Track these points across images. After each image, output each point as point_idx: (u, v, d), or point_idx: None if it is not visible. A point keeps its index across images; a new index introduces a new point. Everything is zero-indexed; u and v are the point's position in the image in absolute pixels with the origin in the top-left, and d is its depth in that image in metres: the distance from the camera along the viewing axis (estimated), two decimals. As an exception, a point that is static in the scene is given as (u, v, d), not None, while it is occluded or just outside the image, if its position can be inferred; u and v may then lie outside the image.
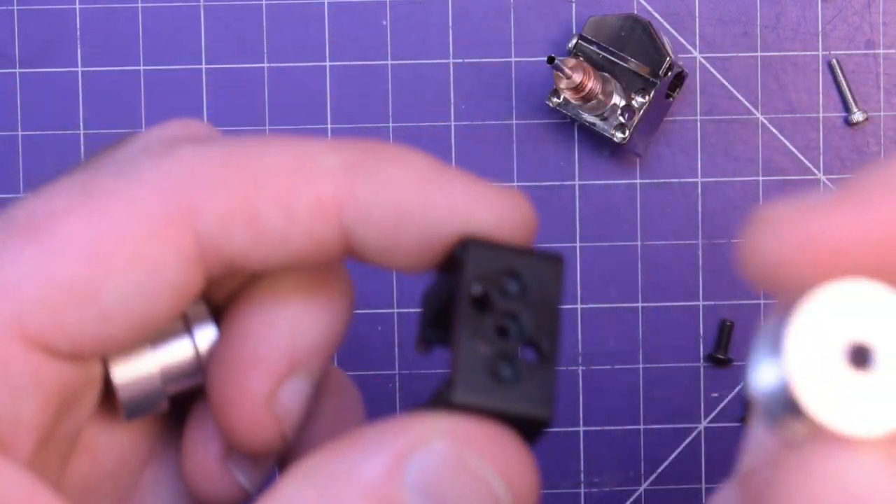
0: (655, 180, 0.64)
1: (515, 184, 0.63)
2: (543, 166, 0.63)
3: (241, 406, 0.27)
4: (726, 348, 0.63)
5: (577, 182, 0.64)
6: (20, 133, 0.63)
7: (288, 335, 0.27)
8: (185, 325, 0.28)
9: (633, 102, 0.61)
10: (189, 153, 0.26)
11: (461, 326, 0.25)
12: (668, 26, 0.63)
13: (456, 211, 0.25)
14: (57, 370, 0.25)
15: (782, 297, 0.20)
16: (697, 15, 0.63)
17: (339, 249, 0.26)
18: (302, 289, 0.28)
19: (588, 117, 0.61)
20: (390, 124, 0.63)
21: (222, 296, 0.29)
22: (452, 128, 0.63)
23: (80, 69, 0.63)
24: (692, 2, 0.63)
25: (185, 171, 0.26)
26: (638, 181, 0.64)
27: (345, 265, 0.28)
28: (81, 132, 0.63)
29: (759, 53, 0.63)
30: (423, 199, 0.25)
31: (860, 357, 0.20)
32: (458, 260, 0.26)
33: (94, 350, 0.26)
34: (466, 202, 0.26)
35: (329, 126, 0.63)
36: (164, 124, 0.29)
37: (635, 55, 0.60)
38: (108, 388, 0.28)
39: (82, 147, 0.63)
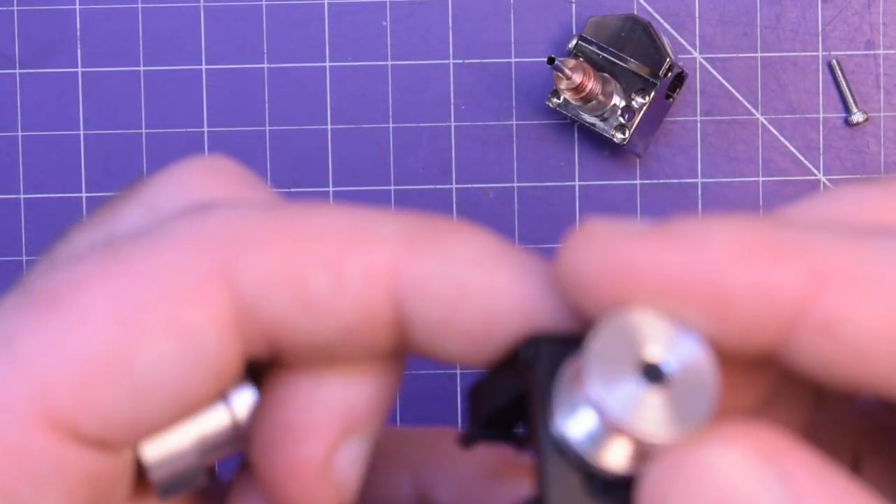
0: (655, 180, 0.64)
1: (515, 185, 0.63)
2: (543, 166, 0.63)
3: (295, 476, 0.24)
4: None
5: (577, 182, 0.64)
6: (20, 133, 0.63)
7: (342, 393, 0.25)
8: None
9: (633, 103, 0.61)
10: (227, 210, 0.24)
11: (544, 442, 0.23)
12: (668, 27, 0.63)
13: (522, 298, 0.23)
14: (86, 459, 0.23)
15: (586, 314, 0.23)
16: (697, 15, 0.63)
17: (390, 329, 0.24)
18: None
19: (588, 118, 0.61)
20: (390, 124, 0.63)
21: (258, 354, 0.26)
22: (452, 128, 0.63)
23: (80, 69, 0.63)
24: (692, 2, 0.63)
25: (223, 228, 0.23)
26: (638, 181, 0.64)
27: None
28: (81, 132, 0.63)
29: (759, 54, 0.63)
30: (487, 280, 0.23)
31: (653, 374, 0.22)
32: (525, 360, 0.23)
33: (126, 434, 0.23)
34: (533, 289, 0.23)
35: (329, 126, 0.63)
36: (189, 165, 0.26)
37: (635, 56, 0.60)
38: (138, 465, 0.25)
39: (82, 147, 0.63)
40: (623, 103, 0.61)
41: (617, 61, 0.60)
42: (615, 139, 0.61)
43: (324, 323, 0.23)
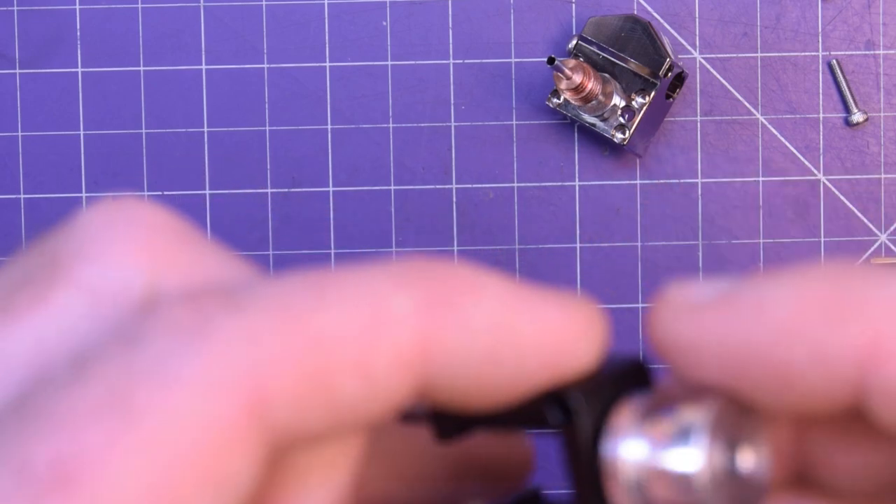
0: (655, 180, 0.64)
1: (515, 185, 0.63)
2: (543, 166, 0.63)
3: None
4: None
5: (577, 182, 0.64)
6: (20, 133, 0.63)
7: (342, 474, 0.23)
8: None
9: (633, 103, 0.61)
10: (235, 327, 0.21)
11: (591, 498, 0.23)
12: (668, 27, 0.63)
13: (549, 345, 0.22)
14: None
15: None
16: (697, 15, 0.63)
17: (414, 399, 0.22)
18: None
19: (588, 118, 0.61)
20: (390, 124, 0.63)
21: None
22: (452, 128, 0.63)
23: (80, 69, 0.63)
24: (692, 2, 0.63)
25: (241, 355, 0.20)
26: (638, 181, 0.64)
27: None
28: (81, 132, 0.63)
29: (759, 54, 0.63)
30: (512, 337, 0.22)
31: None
32: (560, 417, 0.23)
33: None
34: (558, 333, 0.23)
35: (329, 126, 0.63)
36: (116, 223, 0.22)
37: (635, 56, 0.60)
38: None
39: (82, 147, 0.63)
40: (623, 103, 0.61)
41: (617, 61, 0.60)
42: (615, 139, 0.61)
43: (353, 419, 0.22)
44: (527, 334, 0.22)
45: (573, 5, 0.63)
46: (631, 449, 0.23)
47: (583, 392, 0.23)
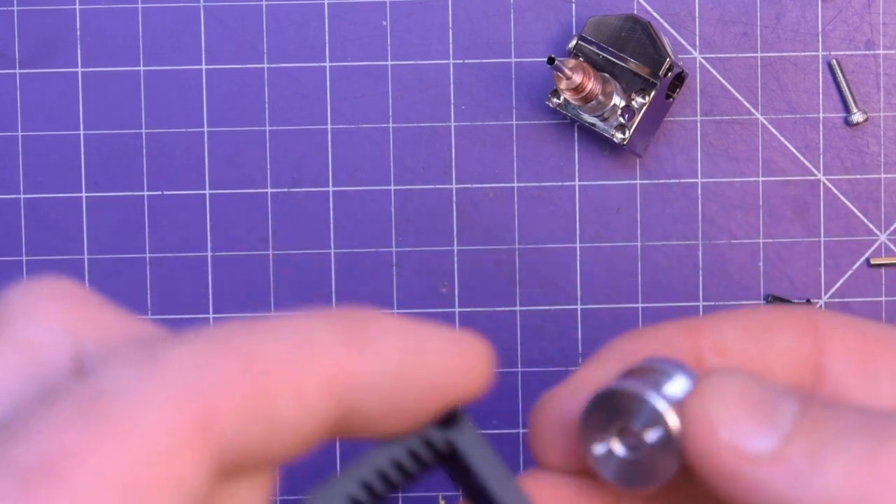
0: (655, 180, 0.64)
1: (515, 185, 0.63)
2: (543, 166, 0.63)
3: None
4: None
5: (577, 182, 0.64)
6: (20, 133, 0.63)
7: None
8: None
9: (633, 103, 0.61)
10: (181, 355, 0.24)
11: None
12: (668, 26, 0.63)
13: (446, 370, 0.26)
14: None
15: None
16: (697, 15, 0.63)
17: (334, 427, 0.26)
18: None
19: (588, 118, 0.61)
20: (390, 124, 0.63)
21: None
22: (452, 128, 0.63)
23: (80, 69, 0.63)
24: (692, 2, 0.63)
25: (188, 376, 0.24)
26: (638, 181, 0.64)
27: None
28: (81, 132, 0.63)
29: (759, 53, 0.63)
30: (415, 363, 0.26)
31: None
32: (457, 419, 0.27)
33: None
34: (453, 361, 0.27)
35: (329, 126, 0.63)
36: (36, 292, 0.26)
37: (635, 55, 0.60)
38: None
39: (82, 147, 0.63)
40: (623, 103, 0.61)
41: (617, 61, 0.60)
42: (615, 139, 0.61)
43: (287, 441, 0.25)
44: (427, 361, 0.26)
45: (573, 5, 0.63)
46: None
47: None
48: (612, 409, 0.28)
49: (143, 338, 0.25)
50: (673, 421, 0.27)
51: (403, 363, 0.26)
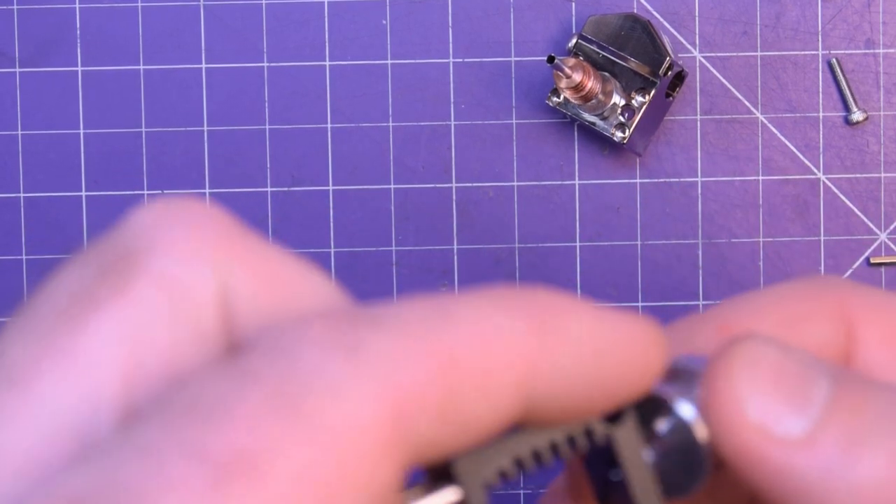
0: (655, 180, 0.64)
1: (515, 184, 0.63)
2: (543, 166, 0.63)
3: None
4: None
5: (576, 182, 0.64)
6: (20, 133, 0.63)
7: None
8: None
9: (633, 102, 0.61)
10: (381, 348, 0.22)
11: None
12: (668, 26, 0.63)
13: (633, 363, 0.25)
14: None
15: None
16: (697, 14, 0.63)
17: (513, 420, 0.24)
18: None
19: (588, 117, 0.61)
20: (390, 124, 0.63)
21: None
22: (452, 128, 0.63)
23: (80, 69, 0.63)
24: (692, 1, 0.63)
25: (388, 372, 0.22)
26: (638, 181, 0.64)
27: None
28: (81, 132, 0.63)
29: (759, 53, 0.63)
30: (604, 350, 0.24)
31: None
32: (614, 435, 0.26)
33: None
34: (640, 355, 0.25)
35: (329, 125, 0.63)
36: (178, 219, 0.23)
37: (635, 54, 0.60)
38: None
39: (82, 146, 0.63)
40: (623, 102, 0.61)
41: (617, 60, 0.60)
42: (615, 138, 0.61)
43: (471, 433, 0.23)
44: (616, 354, 0.24)
45: (573, 4, 0.63)
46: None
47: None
48: (639, 416, 0.26)
49: (333, 312, 0.23)
50: (701, 430, 0.25)
51: (593, 357, 0.24)
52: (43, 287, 0.23)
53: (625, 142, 0.61)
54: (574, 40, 0.61)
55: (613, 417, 0.26)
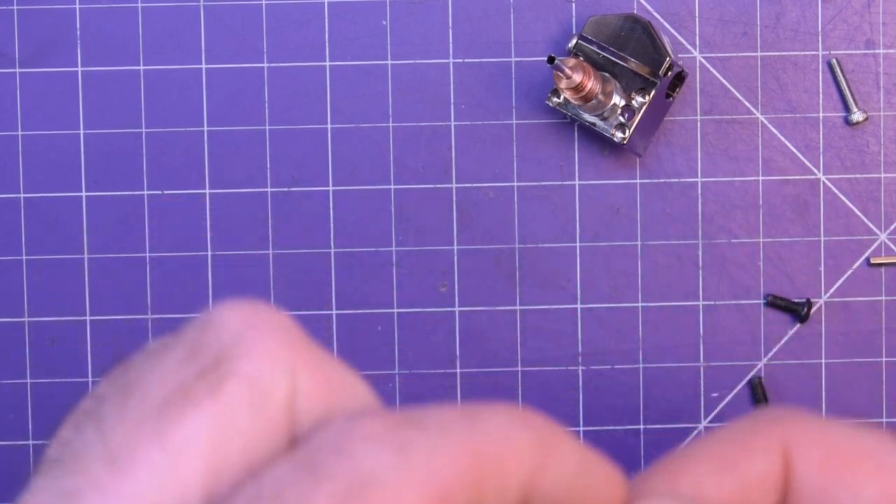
0: (655, 180, 0.64)
1: (515, 184, 0.63)
2: (543, 166, 0.63)
3: None
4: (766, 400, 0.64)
5: (576, 182, 0.64)
6: (20, 133, 0.63)
7: None
8: None
9: (633, 102, 0.60)
10: (426, 446, 0.26)
11: None
12: (668, 26, 0.63)
13: (605, 491, 0.28)
14: None
15: None
16: (697, 15, 0.63)
17: None
18: None
19: (588, 117, 0.61)
20: (390, 124, 0.63)
21: None
22: (452, 128, 0.63)
23: (80, 69, 0.63)
24: (692, 2, 0.63)
25: (431, 469, 0.26)
26: (638, 181, 0.64)
27: None
28: (81, 132, 0.63)
29: (759, 53, 0.63)
30: (585, 481, 0.28)
31: None
32: None
33: None
34: (612, 485, 0.28)
35: (329, 126, 0.63)
36: (245, 317, 0.27)
37: (635, 55, 0.60)
38: None
39: (82, 147, 0.63)
40: (623, 102, 0.61)
41: (617, 60, 0.60)
42: (615, 138, 0.61)
43: None
44: (595, 481, 0.28)
45: (573, 4, 0.63)
46: None
47: None
48: None
49: (380, 413, 0.26)
50: None
51: (576, 476, 0.27)
52: (141, 363, 0.26)
53: (625, 142, 0.61)
54: (574, 41, 0.61)
55: None
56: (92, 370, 0.64)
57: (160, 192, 0.63)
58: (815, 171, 0.64)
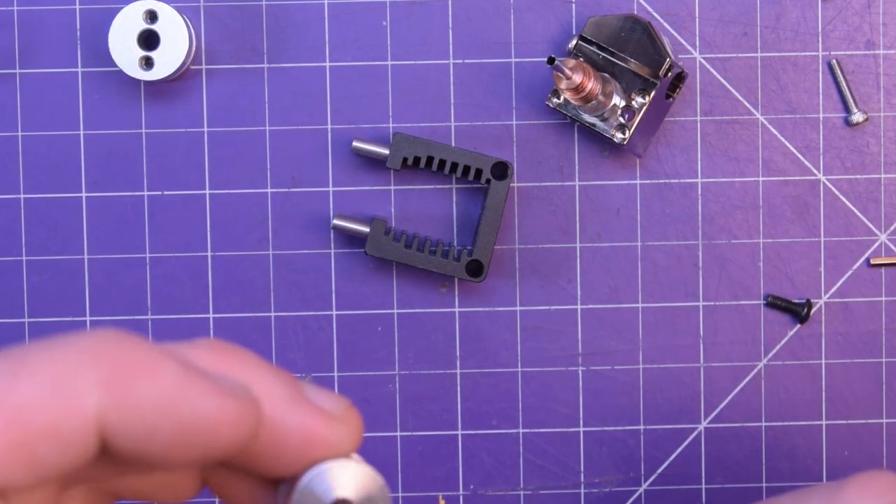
0: (655, 180, 0.64)
1: (515, 184, 0.63)
2: (543, 167, 0.63)
3: None
4: None
5: (577, 183, 0.64)
6: (20, 133, 0.63)
7: None
8: None
9: (633, 103, 0.60)
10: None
11: None
12: (668, 26, 0.63)
13: (204, 426, 0.28)
14: None
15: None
16: (697, 15, 0.63)
17: (96, 455, 0.28)
18: None
19: (588, 118, 0.61)
20: (390, 124, 0.63)
21: None
22: (452, 128, 0.63)
23: (80, 70, 0.63)
24: (692, 2, 0.63)
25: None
26: (638, 181, 0.64)
27: None
28: (81, 132, 0.63)
29: (759, 54, 0.63)
30: (172, 417, 0.28)
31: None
32: None
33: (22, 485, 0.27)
34: (213, 417, 0.28)
35: (329, 126, 0.63)
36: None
37: (635, 55, 0.60)
38: None
39: (82, 147, 0.63)
40: (623, 103, 0.61)
41: (617, 61, 0.60)
42: (615, 139, 0.61)
43: (48, 474, 0.27)
44: (184, 416, 0.27)
45: (573, 5, 0.63)
46: None
47: None
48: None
49: None
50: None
51: (161, 413, 0.27)
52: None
53: (625, 143, 0.61)
54: (574, 41, 0.61)
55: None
56: (92, 370, 0.64)
57: (160, 192, 0.63)
58: (816, 171, 0.64)
